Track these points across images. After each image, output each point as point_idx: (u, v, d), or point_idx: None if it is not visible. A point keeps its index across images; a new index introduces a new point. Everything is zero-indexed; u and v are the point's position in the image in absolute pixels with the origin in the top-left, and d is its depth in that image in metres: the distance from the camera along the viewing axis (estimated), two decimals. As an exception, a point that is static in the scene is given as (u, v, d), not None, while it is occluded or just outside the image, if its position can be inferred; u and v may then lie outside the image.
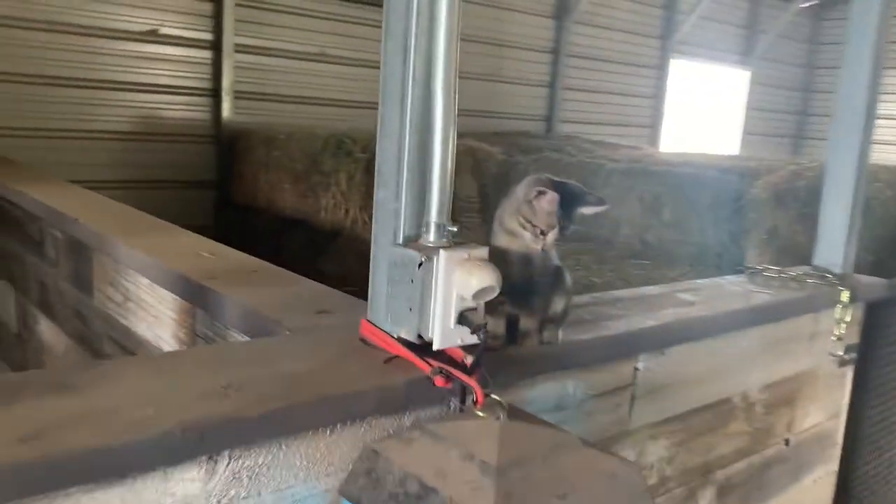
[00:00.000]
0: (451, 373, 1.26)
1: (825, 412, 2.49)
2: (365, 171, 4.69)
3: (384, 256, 1.34)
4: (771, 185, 4.52)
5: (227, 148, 5.61)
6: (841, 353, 2.35)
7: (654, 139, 9.51)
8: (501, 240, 1.46)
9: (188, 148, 5.62)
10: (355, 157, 4.63)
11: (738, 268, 4.52)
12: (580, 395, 1.64)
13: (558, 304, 1.54)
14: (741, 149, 10.56)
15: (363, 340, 1.40)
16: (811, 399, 2.39)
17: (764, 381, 2.18)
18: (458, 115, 1.33)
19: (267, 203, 5.08)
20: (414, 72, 1.29)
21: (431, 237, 1.30)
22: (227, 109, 5.68)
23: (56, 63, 5.03)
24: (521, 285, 1.48)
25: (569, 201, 1.43)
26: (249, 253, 2.07)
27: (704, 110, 10.48)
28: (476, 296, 1.25)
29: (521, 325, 1.50)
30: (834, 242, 2.53)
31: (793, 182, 4.54)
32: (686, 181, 4.65)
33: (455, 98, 1.30)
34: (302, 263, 4.67)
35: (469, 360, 1.29)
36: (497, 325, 1.47)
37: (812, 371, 2.36)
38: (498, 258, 1.44)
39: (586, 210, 1.47)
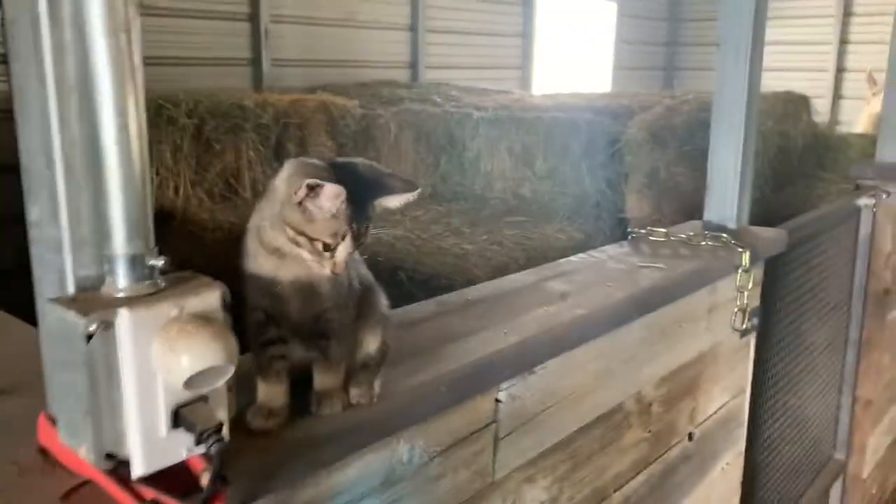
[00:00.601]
0: (167, 512, 0.75)
1: (729, 391, 2.14)
2: (194, 140, 4.03)
3: (45, 319, 0.80)
4: (646, 123, 4.18)
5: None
6: (744, 326, 1.99)
7: (526, 81, 9.09)
8: (263, 263, 0.94)
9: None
10: (180, 123, 3.95)
11: (620, 216, 4.20)
12: (419, 457, 1.16)
13: (370, 344, 1.04)
14: (613, 84, 10.33)
15: (43, 452, 0.86)
16: (714, 380, 2.03)
17: (659, 374, 1.78)
18: (314, 65, 0.77)
19: (85, 185, 4.32)
20: (49, 7, 0.73)
21: (120, 281, 0.77)
22: (29, 77, 4.79)
23: None
24: (308, 327, 0.97)
25: (361, 192, 0.91)
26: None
27: (575, 47, 10.17)
28: (192, 383, 0.73)
29: (316, 384, 1.00)
30: (726, 192, 2.14)
31: (669, 119, 4.21)
32: (558, 127, 4.24)
33: (136, 44, 0.76)
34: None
35: (206, 478, 0.78)
36: (273, 394, 0.96)
37: (712, 349, 1.99)
38: (261, 292, 0.93)
39: (391, 201, 0.95)
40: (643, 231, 2.01)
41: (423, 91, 6.26)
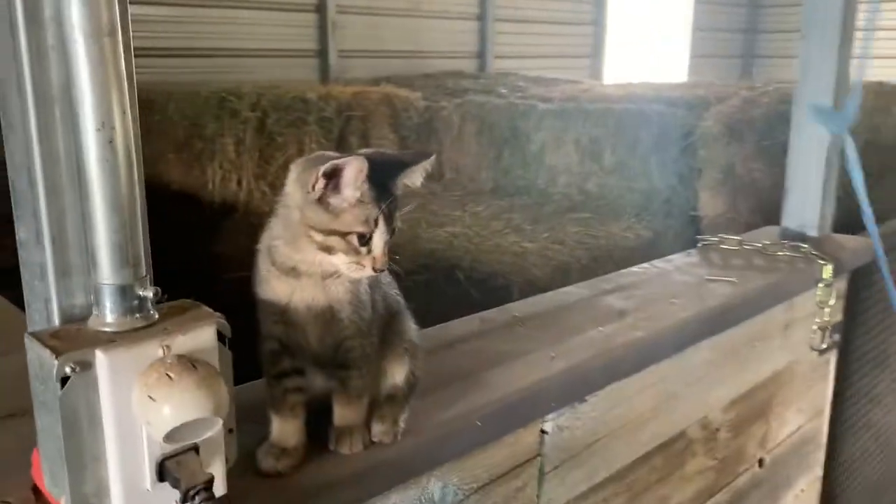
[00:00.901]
0: (149, 578, 0.67)
1: (806, 413, 1.97)
2: (256, 133, 4.02)
3: (28, 354, 0.73)
4: (723, 116, 3.95)
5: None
6: (825, 345, 1.81)
7: (597, 70, 8.86)
8: (277, 287, 0.85)
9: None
10: (243, 116, 3.94)
11: (692, 214, 3.99)
12: (453, 495, 1.06)
13: (396, 374, 0.94)
14: (689, 73, 9.98)
15: (36, 491, 0.79)
16: (788, 402, 1.86)
17: (728, 397, 1.63)
18: (380, 56, 0.68)
19: (150, 176, 4.31)
20: (26, 8, 0.65)
21: (107, 315, 0.69)
22: (100, 70, 4.88)
23: None
24: (325, 355, 0.88)
25: (378, 175, 0.82)
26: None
27: (649, 35, 9.84)
28: (175, 435, 0.64)
29: (335, 419, 0.91)
30: (807, 196, 1.97)
31: (747, 111, 3.97)
32: (628, 118, 4.05)
33: (124, 49, 0.67)
34: (192, 246, 4.04)
35: (199, 534, 0.70)
36: (287, 431, 0.87)
37: (788, 368, 1.82)
38: (274, 318, 0.84)
39: (410, 175, 0.86)
40: (714, 238, 1.86)
41: (490, 82, 6.13)
